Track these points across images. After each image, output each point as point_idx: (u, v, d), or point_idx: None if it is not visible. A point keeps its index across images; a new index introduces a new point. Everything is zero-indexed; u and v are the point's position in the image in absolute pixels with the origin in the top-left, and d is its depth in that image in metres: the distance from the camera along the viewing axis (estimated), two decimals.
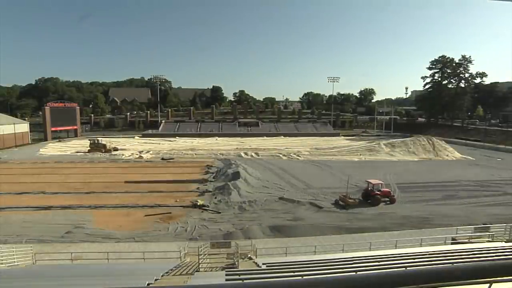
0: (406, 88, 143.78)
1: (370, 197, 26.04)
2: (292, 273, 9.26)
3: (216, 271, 13.31)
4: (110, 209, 24.58)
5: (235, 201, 26.05)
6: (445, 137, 67.27)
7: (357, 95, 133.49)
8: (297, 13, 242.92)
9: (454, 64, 79.80)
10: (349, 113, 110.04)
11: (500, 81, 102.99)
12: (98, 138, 57.78)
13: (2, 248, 14.67)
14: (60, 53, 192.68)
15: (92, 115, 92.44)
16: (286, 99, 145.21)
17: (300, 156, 50.18)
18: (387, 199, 26.42)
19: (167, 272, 11.14)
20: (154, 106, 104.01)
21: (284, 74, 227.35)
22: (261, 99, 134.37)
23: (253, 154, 51.72)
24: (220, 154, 51.39)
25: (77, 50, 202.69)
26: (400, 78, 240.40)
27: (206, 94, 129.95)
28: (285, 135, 78.45)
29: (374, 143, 59.01)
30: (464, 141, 66.41)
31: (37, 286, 9.50)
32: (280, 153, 52.16)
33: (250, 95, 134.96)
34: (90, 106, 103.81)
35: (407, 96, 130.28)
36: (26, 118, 79.47)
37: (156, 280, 8.91)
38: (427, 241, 16.68)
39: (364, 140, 68.55)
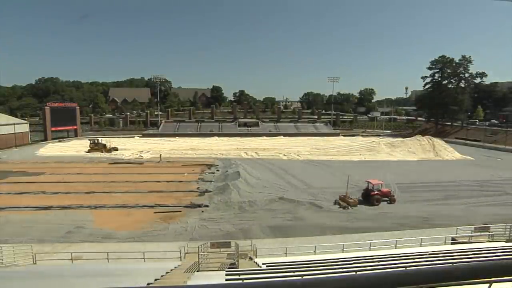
0: (406, 88, 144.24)
1: (370, 197, 26.04)
2: (292, 273, 9.27)
3: (216, 271, 13.31)
4: (110, 209, 24.59)
5: (235, 201, 26.04)
6: (445, 137, 67.31)
7: (357, 95, 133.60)
8: (297, 13, 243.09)
9: (454, 64, 79.58)
10: (349, 113, 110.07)
11: (500, 81, 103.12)
12: (98, 138, 57.79)
13: (2, 248, 14.65)
14: (60, 53, 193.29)
15: (92, 115, 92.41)
16: (286, 99, 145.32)
17: (300, 156, 50.16)
18: (387, 199, 26.44)
19: (167, 272, 11.14)
20: (154, 106, 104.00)
21: (284, 74, 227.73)
22: (261, 99, 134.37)
23: (253, 154, 51.71)
24: (220, 154, 51.39)
25: (77, 50, 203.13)
26: (400, 78, 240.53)
27: (206, 94, 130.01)
28: (285, 135, 78.44)
29: (374, 143, 59.04)
30: (464, 141, 66.39)
31: (37, 286, 9.50)
32: (280, 153, 52.13)
33: (250, 95, 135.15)
34: (90, 106, 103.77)
35: (407, 96, 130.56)
36: (26, 118, 79.44)
37: (156, 280, 8.91)
38: (427, 241, 16.66)
39: (364, 140, 68.57)
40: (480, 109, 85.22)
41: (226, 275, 10.12)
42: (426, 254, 12.88)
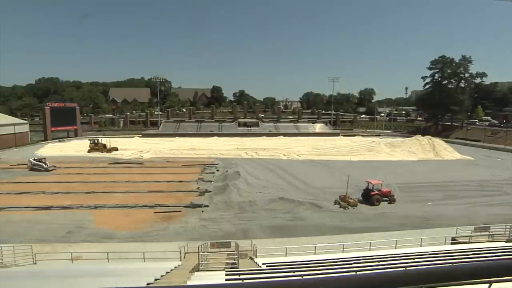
0: (406, 88, 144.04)
1: (370, 197, 26.03)
2: (292, 273, 9.28)
3: (216, 271, 13.31)
4: (110, 209, 24.59)
5: (235, 201, 26.05)
6: (445, 137, 67.27)
7: (357, 95, 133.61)
8: (297, 13, 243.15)
9: (454, 64, 79.60)
10: (349, 113, 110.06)
11: (500, 81, 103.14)
12: (98, 138, 57.75)
13: (2, 248, 14.65)
14: (60, 53, 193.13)
15: (92, 115, 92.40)
16: (286, 99, 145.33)
17: (300, 156, 50.13)
18: (387, 199, 26.43)
19: (167, 272, 11.14)
20: (154, 106, 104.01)
21: (284, 74, 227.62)
22: (261, 99, 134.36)
23: (253, 154, 51.69)
24: (220, 154, 51.37)
25: (77, 50, 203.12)
26: (400, 78, 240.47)
27: (206, 94, 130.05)
28: (285, 135, 78.39)
29: (374, 143, 58.99)
30: (464, 141, 66.37)
31: (37, 286, 9.51)
32: (280, 153, 52.10)
33: (250, 95, 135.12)
34: (90, 106, 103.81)
35: (407, 96, 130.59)
36: (26, 118, 79.37)
37: (156, 280, 8.92)
38: (427, 241, 16.67)
39: (364, 140, 68.54)
40: (480, 109, 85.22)
41: (226, 275, 10.13)
42: (426, 254, 12.90)
